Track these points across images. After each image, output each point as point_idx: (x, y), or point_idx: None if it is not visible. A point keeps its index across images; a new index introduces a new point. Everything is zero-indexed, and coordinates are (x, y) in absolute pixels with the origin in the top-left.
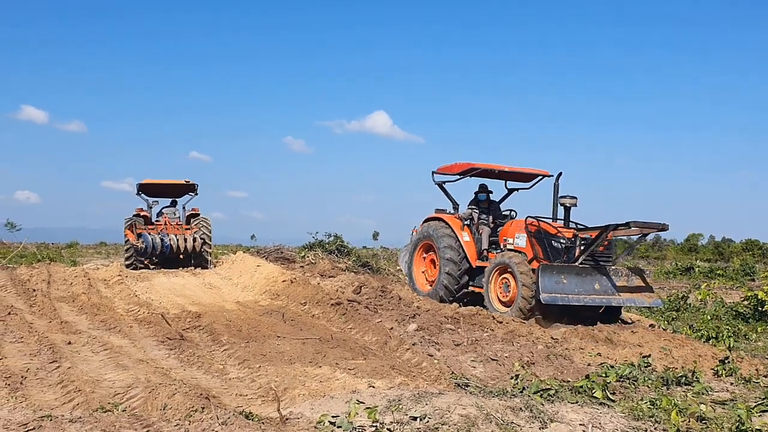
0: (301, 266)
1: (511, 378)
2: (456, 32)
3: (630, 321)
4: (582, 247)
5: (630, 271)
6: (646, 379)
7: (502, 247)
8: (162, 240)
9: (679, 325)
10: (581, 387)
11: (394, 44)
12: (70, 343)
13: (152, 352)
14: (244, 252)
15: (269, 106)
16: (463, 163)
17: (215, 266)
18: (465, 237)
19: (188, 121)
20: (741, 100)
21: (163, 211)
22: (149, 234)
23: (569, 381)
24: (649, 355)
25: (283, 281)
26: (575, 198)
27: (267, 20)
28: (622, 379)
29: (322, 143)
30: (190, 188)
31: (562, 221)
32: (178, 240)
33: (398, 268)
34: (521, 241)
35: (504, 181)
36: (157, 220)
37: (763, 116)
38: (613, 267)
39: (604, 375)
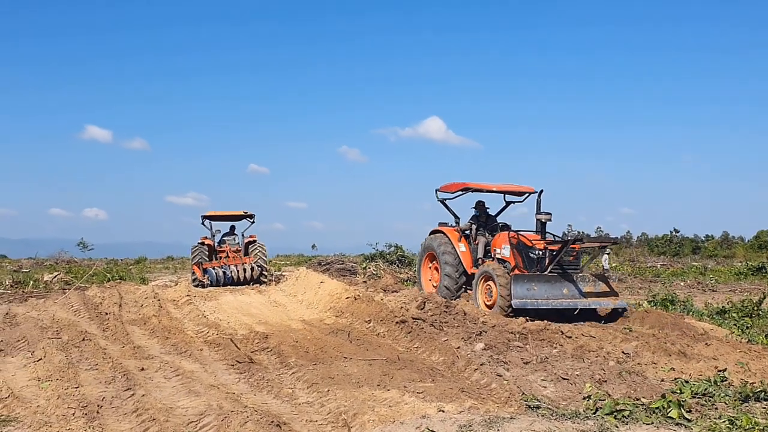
0: (364, 281)
1: (584, 398)
2: (508, 36)
3: (702, 332)
4: (548, 258)
5: (596, 277)
6: (723, 395)
7: (492, 256)
8: (224, 273)
9: (754, 333)
10: (657, 407)
11: (444, 50)
12: (143, 369)
13: (223, 377)
14: (305, 262)
15: (322, 116)
16: (459, 183)
17: (278, 281)
18: (461, 248)
19: (245, 135)
20: None
21: (224, 239)
22: (213, 269)
23: (643, 399)
24: (725, 369)
25: (347, 298)
26: (549, 214)
27: (315, 31)
28: (697, 396)
29: (376, 151)
30: (247, 217)
31: (545, 234)
32: (237, 270)
33: None
34: (506, 251)
35: (503, 195)
36: (219, 247)
37: None
38: (580, 274)
39: (678, 391)
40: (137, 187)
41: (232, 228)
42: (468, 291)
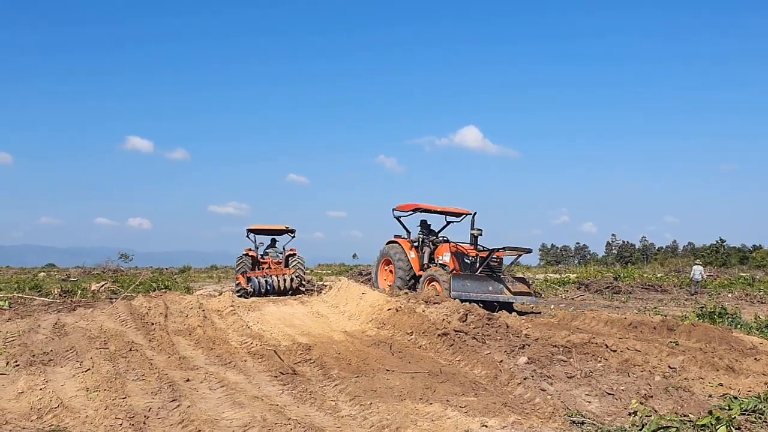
0: (405, 292)
1: (629, 414)
2: (543, 45)
3: (751, 346)
4: (479, 263)
5: (515, 278)
6: None
7: (436, 261)
8: (267, 281)
9: None
10: (705, 424)
11: (481, 60)
12: (188, 380)
13: (266, 389)
14: (347, 271)
15: (360, 126)
16: (411, 204)
17: (320, 291)
18: (412, 255)
19: (284, 145)
20: None
21: (267, 251)
22: (256, 278)
23: (690, 416)
24: None
25: (389, 310)
26: (480, 230)
27: (351, 44)
28: (747, 413)
29: (413, 161)
30: (289, 231)
31: (476, 245)
32: (278, 280)
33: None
34: (447, 258)
35: (444, 216)
36: (263, 259)
37: None
38: (502, 275)
39: (727, 408)
40: (179, 197)
41: (273, 241)
42: (418, 289)
